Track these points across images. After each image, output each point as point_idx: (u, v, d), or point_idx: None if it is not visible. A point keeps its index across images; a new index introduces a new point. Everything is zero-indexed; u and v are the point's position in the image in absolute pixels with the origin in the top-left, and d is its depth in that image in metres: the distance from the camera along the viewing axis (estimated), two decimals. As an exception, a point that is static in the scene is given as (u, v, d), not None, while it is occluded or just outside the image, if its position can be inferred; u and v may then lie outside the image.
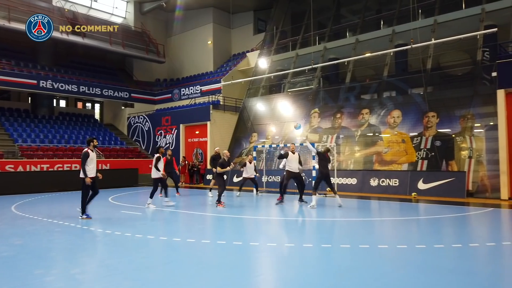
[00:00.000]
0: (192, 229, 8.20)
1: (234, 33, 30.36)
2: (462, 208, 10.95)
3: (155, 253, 5.97)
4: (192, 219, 9.63)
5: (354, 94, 19.32)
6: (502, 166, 12.48)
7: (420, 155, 15.53)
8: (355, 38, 20.74)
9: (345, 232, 7.70)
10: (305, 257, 5.70)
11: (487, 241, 6.50)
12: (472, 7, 17.10)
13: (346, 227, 8.30)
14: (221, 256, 5.71)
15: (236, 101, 24.07)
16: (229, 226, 8.55)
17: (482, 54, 16.11)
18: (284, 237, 7.26)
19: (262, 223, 9.00)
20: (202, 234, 7.58)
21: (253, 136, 21.98)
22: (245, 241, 6.65)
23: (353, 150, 17.86)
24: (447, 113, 15.67)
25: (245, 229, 8.28)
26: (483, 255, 5.62)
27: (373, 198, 14.07)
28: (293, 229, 8.27)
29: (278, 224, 8.93)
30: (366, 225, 8.54)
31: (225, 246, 6.28)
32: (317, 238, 7.17)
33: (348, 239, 6.93)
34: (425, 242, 6.42)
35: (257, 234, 7.58)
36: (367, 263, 5.16)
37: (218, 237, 7.07)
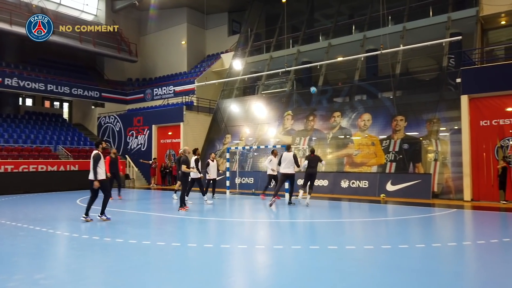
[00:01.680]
0: (162, 232, 8.11)
1: (209, 34, 30.25)
2: (427, 209, 11.36)
3: (123, 257, 5.87)
4: (163, 221, 9.52)
5: (326, 97, 19.65)
6: (465, 169, 13.03)
7: (389, 157, 15.97)
8: (327, 42, 21.10)
9: (315, 234, 7.83)
10: (275, 259, 5.76)
11: (449, 241, 6.77)
12: (438, 15, 17.78)
13: (317, 229, 8.44)
14: (191, 259, 5.69)
15: (210, 102, 23.98)
16: (200, 229, 8.52)
17: (447, 61, 16.76)
18: (255, 239, 7.31)
19: (233, 225, 9.01)
20: (173, 237, 7.52)
21: (226, 137, 21.95)
22: (216, 243, 6.65)
23: (325, 152, 18.15)
24: (414, 117, 16.20)
25: (216, 231, 8.28)
26: (445, 254, 5.86)
27: (344, 199, 14.37)
28: (264, 231, 8.34)
29: (250, 226, 8.97)
30: (336, 226, 8.72)
31: (196, 249, 6.26)
32: (287, 239, 7.25)
33: (318, 240, 7.05)
34: (391, 242, 6.62)
35: (228, 236, 7.59)
36: (334, 264, 5.28)
37: (189, 240, 7.03)
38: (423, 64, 17.98)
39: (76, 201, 13.79)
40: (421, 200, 13.48)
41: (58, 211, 11.31)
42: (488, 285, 4.42)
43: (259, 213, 11.13)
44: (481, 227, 8.66)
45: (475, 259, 5.72)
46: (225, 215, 10.55)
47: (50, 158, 19.77)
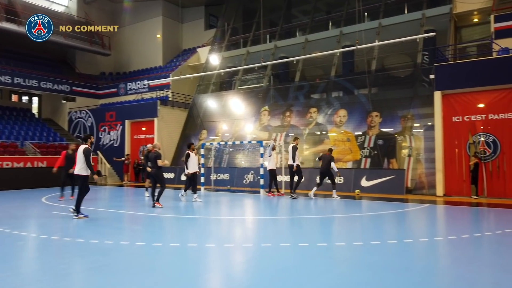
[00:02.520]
0: (127, 231, 7.74)
1: (185, 27, 29.64)
2: (400, 204, 11.36)
3: (82, 257, 5.49)
4: (129, 220, 9.13)
5: (303, 93, 19.54)
6: (438, 165, 13.13)
7: (364, 153, 16.00)
8: (304, 37, 20.98)
9: (288, 231, 7.63)
10: (241, 258, 5.52)
11: (420, 237, 6.70)
12: (413, 12, 17.90)
13: (290, 226, 8.25)
14: (154, 259, 5.37)
15: (186, 97, 23.49)
16: (168, 227, 8.19)
17: (422, 58, 16.90)
18: (224, 238, 7.04)
19: (203, 223, 8.72)
20: (138, 236, 7.17)
21: (202, 133, 21.56)
22: (183, 242, 6.34)
23: (302, 148, 18.02)
24: (389, 113, 16.27)
25: (184, 230, 7.96)
26: (417, 251, 5.76)
27: (319, 195, 14.26)
28: (236, 228, 8.08)
29: (219, 224, 8.70)
30: (309, 223, 8.55)
31: (161, 248, 5.94)
32: (258, 237, 7.03)
33: (289, 237, 6.85)
34: (363, 239, 6.49)
35: (196, 235, 7.30)
36: (304, 262, 5.08)
37: (155, 239, 6.70)
38: (398, 60, 18.09)
39: (41, 198, 13.16)
40: (395, 195, 13.53)
41: (19, 210, 10.71)
42: (458, 282, 4.31)
43: (233, 210, 10.88)
44: (453, 222, 8.67)
45: (446, 255, 5.64)
46: (199, 212, 10.23)
47: (16, 154, 18.91)
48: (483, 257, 5.41)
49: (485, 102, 12.63)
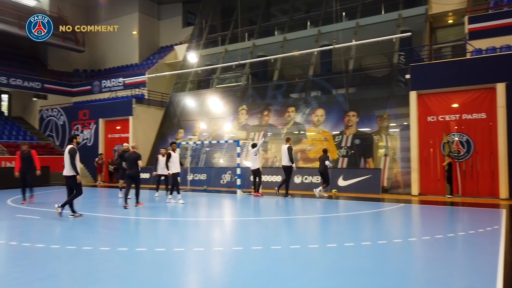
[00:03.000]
0: (93, 235, 7.37)
1: (162, 24, 29.08)
2: (376, 204, 11.34)
3: (38, 265, 5.13)
4: (98, 223, 8.74)
5: (281, 92, 19.40)
6: (413, 164, 13.21)
7: (341, 153, 15.98)
8: (283, 36, 20.85)
9: (260, 232, 7.43)
10: (209, 263, 5.28)
11: (395, 238, 6.61)
12: (390, 12, 18.02)
13: (263, 227, 8.05)
14: (118, 266, 5.06)
15: (162, 95, 23.00)
16: (140, 230, 7.86)
17: (398, 58, 17.03)
18: (194, 241, 6.77)
19: (175, 226, 8.42)
20: (104, 240, 6.82)
21: (179, 132, 21.14)
22: (150, 247, 6.04)
23: (280, 147, 17.88)
24: (366, 113, 16.30)
25: (152, 233, 7.65)
26: (390, 252, 5.65)
27: (297, 195, 14.13)
28: (207, 231, 7.81)
29: (192, 226, 8.42)
30: (284, 224, 8.38)
31: (126, 253, 5.63)
32: (229, 240, 6.80)
33: (262, 239, 6.65)
34: (337, 240, 6.35)
35: (166, 238, 7.01)
36: (276, 266, 4.88)
37: (121, 243, 6.37)
38: (375, 60, 18.19)
39: (7, 200, 12.54)
40: (371, 194, 13.54)
41: None
42: (430, 286, 4.19)
43: (207, 211, 10.61)
44: (427, 222, 8.66)
45: (420, 257, 5.55)
46: (172, 214, 9.91)
47: (-18, 153, 18.07)
48: (456, 258, 5.35)
49: (459, 102, 12.78)
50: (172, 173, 11.50)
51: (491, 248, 5.67)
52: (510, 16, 13.90)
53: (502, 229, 7.05)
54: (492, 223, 7.92)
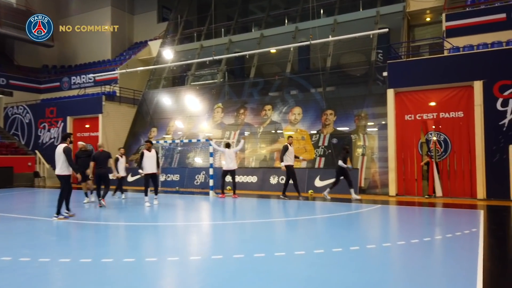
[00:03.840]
0: (38, 242, 6.62)
1: (137, 19, 28.17)
2: (352, 205, 10.91)
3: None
4: (45, 228, 7.96)
5: (258, 90, 18.85)
6: (390, 164, 12.86)
7: (318, 152, 15.54)
8: (260, 32, 20.32)
9: (224, 238, 6.84)
10: (158, 275, 4.65)
11: (368, 243, 6.12)
12: (368, 9, 17.73)
13: (229, 232, 7.45)
14: (56, 280, 4.38)
15: (135, 92, 22.11)
16: (94, 237, 7.14)
17: (376, 56, 16.72)
18: (147, 250, 6.13)
19: (137, 231, 7.73)
20: (46, 249, 6.09)
21: (152, 131, 20.32)
22: (97, 257, 5.36)
23: (256, 147, 17.36)
24: (344, 111, 15.92)
25: (110, 239, 6.96)
26: (363, 260, 5.14)
27: (272, 196, 13.60)
28: (163, 238, 7.17)
29: (149, 231, 7.76)
30: (253, 228, 7.81)
31: (69, 265, 4.94)
32: (189, 248, 6.18)
33: (226, 248, 6.06)
34: (306, 247, 5.82)
35: (118, 246, 6.34)
36: (236, 278, 4.30)
37: (65, 253, 5.66)
38: (353, 58, 17.84)
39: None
40: (348, 195, 13.12)
41: None
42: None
43: (174, 214, 9.94)
44: (403, 225, 8.25)
45: (393, 265, 5.08)
46: (138, 218, 9.20)
47: None
48: (432, 266, 4.88)
49: (437, 101, 12.50)
50: (146, 173, 10.84)
51: (469, 254, 5.25)
52: (487, 14, 13.75)
53: (480, 232, 6.68)
54: (469, 225, 7.56)
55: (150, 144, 11.23)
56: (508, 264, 5.17)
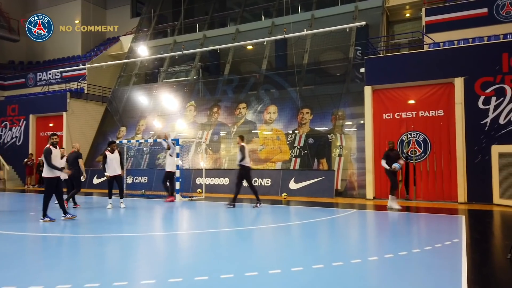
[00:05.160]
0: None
1: (110, 14, 26.92)
2: (325, 210, 10.13)
3: None
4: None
5: (232, 87, 17.95)
6: (367, 165, 12.15)
7: (294, 153, 14.75)
8: (235, 28, 19.44)
9: (183, 254, 5.91)
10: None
11: (334, 260, 5.28)
12: (346, 4, 17.06)
13: (192, 244, 6.53)
14: None
15: (104, 90, 20.91)
16: (49, 253, 6.11)
17: (355, 52, 16.04)
18: (87, 273, 5.16)
19: (92, 243, 6.72)
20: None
21: (121, 130, 19.19)
22: (50, 285, 4.37)
23: (229, 147, 16.46)
24: (321, 110, 15.18)
25: (53, 259, 5.95)
26: (324, 282, 4.30)
27: (245, 200, 12.73)
28: (115, 257, 6.20)
29: (102, 243, 6.76)
30: (219, 239, 6.91)
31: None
32: (143, 269, 5.23)
33: (185, 267, 5.13)
34: (260, 266, 4.94)
35: (54, 271, 5.35)
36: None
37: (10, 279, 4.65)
38: (331, 55, 17.11)
39: None
40: (323, 198, 12.39)
41: None
42: None
43: (135, 223, 8.95)
44: (377, 236, 7.46)
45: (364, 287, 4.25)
46: (96, 228, 8.17)
47: None
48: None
49: (416, 99, 11.85)
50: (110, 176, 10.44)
51: (451, 274, 4.48)
52: (468, 9, 13.20)
53: (462, 244, 5.94)
54: (451, 234, 6.85)
55: (114, 145, 10.70)
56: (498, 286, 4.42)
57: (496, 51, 10.76)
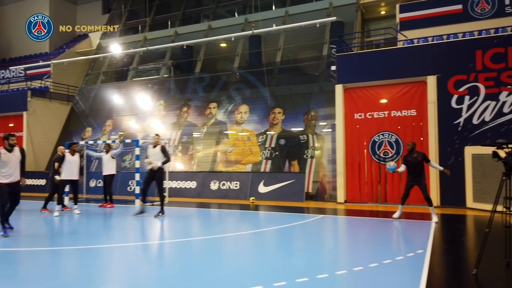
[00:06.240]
0: None
1: (80, 10, 25.91)
2: (292, 216, 9.47)
3: None
4: None
5: (203, 86, 17.21)
6: (338, 167, 11.55)
7: (265, 154, 14.10)
8: (208, 24, 18.72)
9: (125, 271, 5.15)
10: None
11: (300, 275, 4.60)
12: (321, 1, 16.53)
13: (139, 257, 5.76)
14: None
15: (69, 88, 19.87)
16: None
17: (329, 50, 15.51)
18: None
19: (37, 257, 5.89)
20: None
21: (86, 131, 18.23)
22: None
23: (198, 149, 15.71)
24: (293, 110, 14.58)
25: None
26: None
27: (212, 205, 12.01)
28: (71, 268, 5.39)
29: (43, 258, 5.95)
30: (166, 252, 6.17)
31: None
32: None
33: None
34: (202, 281, 4.24)
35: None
36: None
37: None
38: (305, 53, 16.55)
39: None
40: (293, 202, 11.74)
41: None
42: None
43: (86, 232, 8.12)
44: (335, 246, 6.85)
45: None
46: (44, 239, 7.31)
47: None
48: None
49: (388, 98, 11.31)
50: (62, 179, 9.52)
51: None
52: (443, 5, 12.78)
53: (426, 256, 5.33)
54: (416, 244, 6.27)
55: (75, 145, 9.91)
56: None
57: (469, 48, 10.30)
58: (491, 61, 10.00)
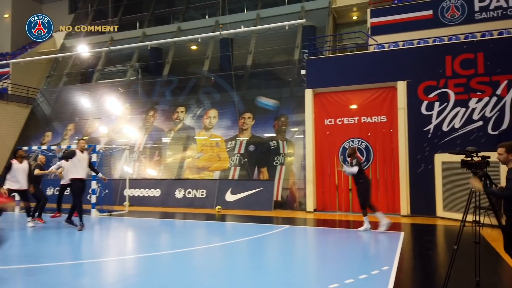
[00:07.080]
0: None
1: (46, 9, 24.68)
2: (257, 226, 8.94)
3: None
4: None
5: (170, 89, 16.53)
6: (308, 175, 11.12)
7: (234, 161, 13.54)
8: (177, 26, 18.10)
9: None
10: None
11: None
12: (293, 4, 16.23)
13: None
14: None
15: (29, 90, 18.76)
16: None
17: (301, 55, 15.16)
18: None
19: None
20: None
21: (46, 135, 17.19)
22: None
23: (164, 155, 14.98)
24: (264, 115, 14.10)
25: None
26: None
27: (177, 214, 11.34)
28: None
29: None
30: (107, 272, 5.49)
31: None
32: None
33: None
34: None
35: None
36: None
37: None
38: (277, 57, 16.16)
39: None
40: (261, 211, 11.24)
41: None
42: None
43: (34, 248, 7.29)
44: (294, 262, 6.37)
45: None
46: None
47: None
48: None
49: (358, 103, 11.00)
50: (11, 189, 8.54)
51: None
52: (414, 10, 12.65)
53: (391, 274, 4.90)
54: (382, 260, 5.85)
55: (21, 151, 8.95)
56: None
57: (439, 54, 10.10)
58: (461, 67, 9.82)
